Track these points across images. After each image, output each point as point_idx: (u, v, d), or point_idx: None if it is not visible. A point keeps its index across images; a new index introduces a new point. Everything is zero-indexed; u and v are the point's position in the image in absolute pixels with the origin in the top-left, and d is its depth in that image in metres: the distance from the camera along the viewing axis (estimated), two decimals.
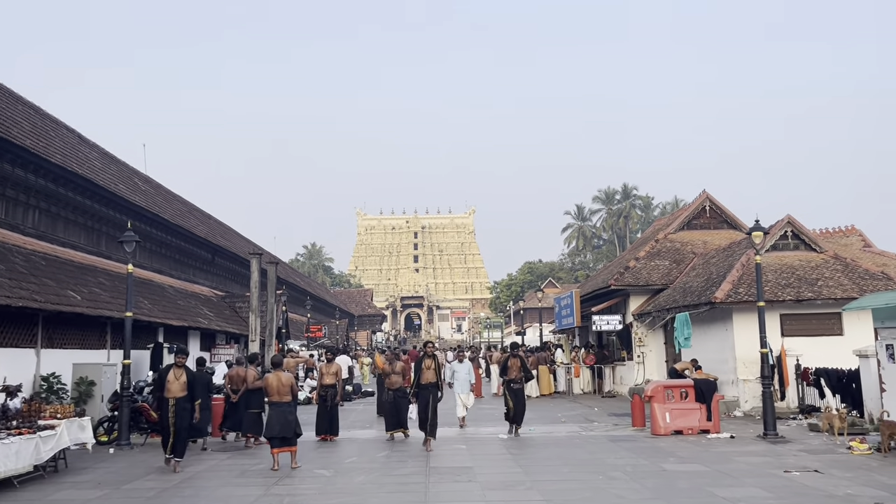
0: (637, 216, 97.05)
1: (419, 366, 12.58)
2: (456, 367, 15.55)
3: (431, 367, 12.49)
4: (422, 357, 12.74)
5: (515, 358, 14.32)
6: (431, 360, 12.54)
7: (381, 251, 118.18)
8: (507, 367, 14.38)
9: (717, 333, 18.03)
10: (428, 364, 12.50)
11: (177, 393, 10.60)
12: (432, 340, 13.97)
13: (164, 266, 25.24)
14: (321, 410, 13.44)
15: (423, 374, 12.43)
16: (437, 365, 12.58)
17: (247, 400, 13.22)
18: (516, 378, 14.15)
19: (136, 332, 18.42)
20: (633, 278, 22.74)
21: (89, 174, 19.37)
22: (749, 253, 18.46)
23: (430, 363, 12.51)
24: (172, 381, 10.66)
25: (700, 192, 25.55)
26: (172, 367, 10.88)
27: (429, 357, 12.58)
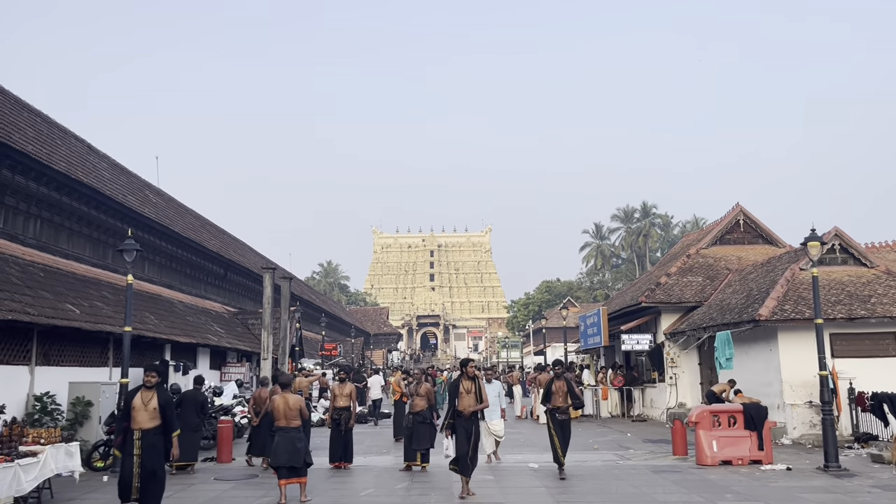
0: (657, 235, 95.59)
1: (455, 389, 9.98)
2: None
3: (472, 392, 9.88)
4: (458, 378, 10.17)
5: (562, 381, 11.49)
6: (471, 382, 9.96)
7: (397, 269, 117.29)
8: (550, 393, 11.48)
9: (759, 354, 16.76)
10: (467, 387, 9.92)
11: (144, 423, 7.93)
12: (472, 358, 11.41)
13: (174, 281, 24.35)
14: (334, 435, 12.33)
15: (462, 400, 9.85)
16: (478, 388, 9.97)
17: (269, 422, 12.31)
18: (563, 407, 11.43)
19: (140, 348, 17.53)
20: (664, 295, 21.52)
21: (95, 183, 18.54)
22: (794, 267, 17.23)
23: (471, 386, 9.92)
24: (139, 407, 7.99)
25: (733, 206, 24.36)
26: (140, 390, 8.18)
27: (468, 379, 10.01)
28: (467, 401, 9.85)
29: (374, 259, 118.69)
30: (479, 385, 10.00)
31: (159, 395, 8.15)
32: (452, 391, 9.99)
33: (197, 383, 12.23)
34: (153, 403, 8.03)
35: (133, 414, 7.99)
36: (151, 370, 8.25)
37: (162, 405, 8.07)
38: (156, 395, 8.11)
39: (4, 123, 15.52)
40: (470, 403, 9.85)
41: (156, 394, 8.13)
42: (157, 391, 8.16)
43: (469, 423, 9.79)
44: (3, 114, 16.24)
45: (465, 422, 9.79)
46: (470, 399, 9.87)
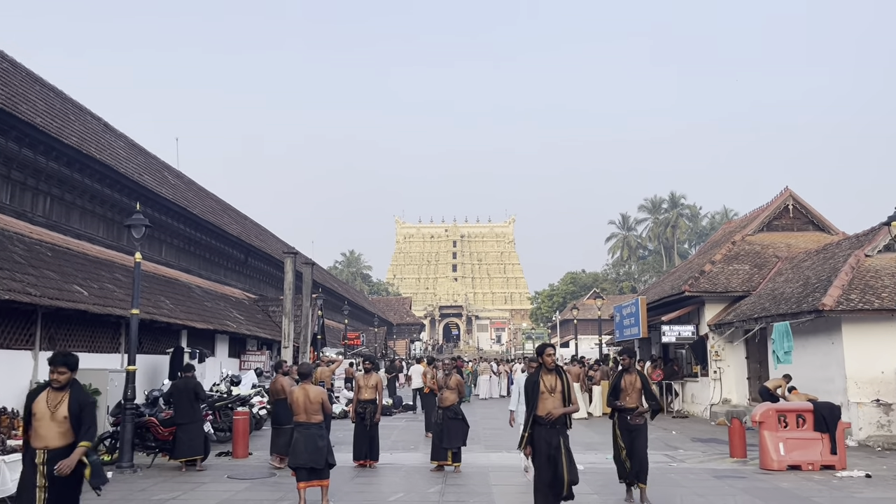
0: (685, 226, 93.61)
1: (534, 388, 7.23)
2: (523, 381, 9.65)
3: (557, 390, 7.22)
4: (537, 373, 7.42)
5: (634, 374, 8.84)
6: (556, 377, 7.29)
7: (420, 260, 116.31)
8: (619, 389, 8.84)
9: (818, 347, 15.41)
10: (550, 384, 7.23)
11: (51, 439, 5.48)
12: (551, 344, 8.69)
13: (193, 265, 23.47)
14: (359, 431, 11.26)
15: (543, 402, 7.15)
16: (565, 385, 7.27)
17: (276, 413, 11.31)
18: (637, 408, 8.72)
19: (154, 334, 16.61)
20: (709, 284, 20.16)
21: (110, 160, 17.62)
22: (858, 254, 15.82)
23: (555, 383, 7.25)
24: (43, 416, 5.49)
25: (782, 189, 22.89)
26: (46, 390, 5.62)
27: (549, 372, 7.32)
28: (550, 403, 7.13)
29: (397, 249, 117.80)
30: (567, 381, 7.29)
31: (72, 399, 5.55)
32: (530, 390, 7.28)
33: (186, 371, 11.21)
34: (62, 410, 5.48)
35: (35, 425, 5.52)
36: (60, 363, 5.58)
37: (75, 412, 5.50)
38: (66, 399, 5.53)
39: (12, 94, 14.61)
40: (554, 406, 7.13)
41: (67, 396, 5.54)
42: (70, 392, 5.57)
43: (553, 434, 7.05)
44: (13, 85, 15.34)
45: (548, 433, 7.04)
46: (554, 400, 7.15)
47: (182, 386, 11.20)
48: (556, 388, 7.27)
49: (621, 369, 9.07)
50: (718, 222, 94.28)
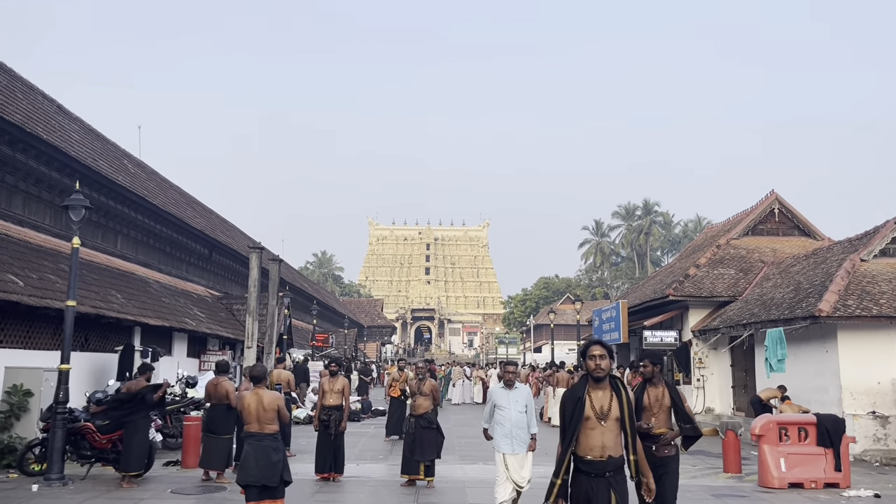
0: (658, 233, 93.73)
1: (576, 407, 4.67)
2: (499, 396, 7.59)
3: (612, 415, 4.66)
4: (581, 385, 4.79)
5: (661, 387, 6.65)
6: (609, 393, 4.74)
7: (393, 262, 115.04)
8: (640, 408, 6.50)
9: (811, 355, 14.66)
10: (601, 403, 4.69)
11: None
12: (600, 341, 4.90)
13: (152, 259, 22.12)
14: (322, 440, 10.15)
15: (589, 434, 4.63)
16: (626, 408, 4.67)
17: (211, 420, 10.04)
18: (665, 434, 6.46)
19: (103, 330, 15.31)
20: (693, 288, 19.39)
21: (59, 142, 16.28)
22: (853, 258, 15.12)
23: (609, 402, 4.70)
24: None
25: (767, 193, 22.25)
26: None
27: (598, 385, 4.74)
28: (601, 436, 4.58)
29: (370, 251, 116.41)
30: (627, 400, 4.65)
31: None
32: (569, 413, 4.67)
33: (141, 372, 10.00)
34: None
35: None
36: None
37: None
38: None
39: None
40: (607, 441, 4.59)
41: None
42: None
43: (603, 488, 4.59)
44: None
45: (596, 485, 4.59)
46: (607, 432, 4.59)
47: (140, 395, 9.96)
48: (611, 411, 4.56)
49: (643, 380, 6.86)
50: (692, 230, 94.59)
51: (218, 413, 9.97)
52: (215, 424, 9.93)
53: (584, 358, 4.77)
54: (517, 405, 7.53)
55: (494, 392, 7.80)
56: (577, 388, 4.79)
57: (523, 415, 7.53)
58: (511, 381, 7.65)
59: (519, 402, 7.54)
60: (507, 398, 7.55)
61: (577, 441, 4.63)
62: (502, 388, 7.70)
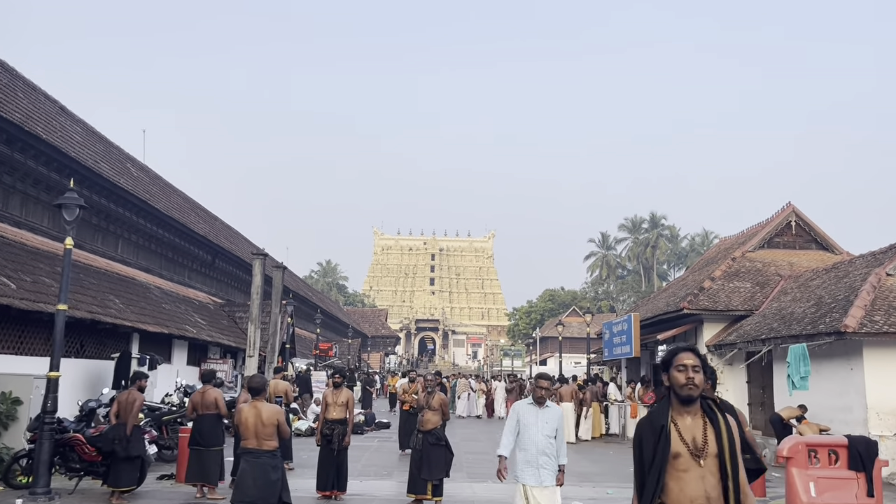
0: (665, 247, 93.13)
1: (660, 440, 3.28)
2: (526, 413, 6.50)
3: (711, 451, 3.28)
4: (663, 409, 3.43)
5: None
6: (702, 421, 3.35)
7: (397, 272, 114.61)
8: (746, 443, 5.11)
9: (835, 373, 14.06)
10: (693, 435, 3.31)
11: None
12: (691, 347, 3.50)
13: (153, 265, 21.67)
14: (325, 455, 9.60)
15: (681, 478, 3.29)
16: (727, 443, 3.30)
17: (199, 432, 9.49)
18: None
19: (100, 337, 14.83)
20: (709, 301, 18.80)
21: (59, 143, 15.88)
22: (879, 272, 14.56)
23: (704, 433, 3.31)
24: None
25: (784, 205, 21.69)
26: None
27: (687, 408, 3.37)
28: (697, 481, 3.27)
29: (374, 260, 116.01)
30: (729, 431, 3.32)
31: None
32: (650, 449, 3.34)
33: (136, 379, 9.48)
34: None
35: None
36: None
37: None
38: None
39: None
40: (709, 488, 3.27)
41: None
42: None
43: None
44: None
45: None
46: (705, 474, 3.28)
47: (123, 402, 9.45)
48: (708, 445, 3.28)
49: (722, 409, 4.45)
50: (699, 244, 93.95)
51: (206, 423, 9.44)
52: (204, 436, 9.39)
53: (668, 369, 3.44)
54: (546, 427, 6.36)
55: (521, 408, 6.57)
56: (656, 414, 3.42)
57: (552, 440, 6.35)
58: (543, 399, 6.49)
59: (549, 425, 6.38)
60: (535, 417, 6.41)
61: (664, 490, 3.28)
62: (531, 404, 6.53)
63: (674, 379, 3.41)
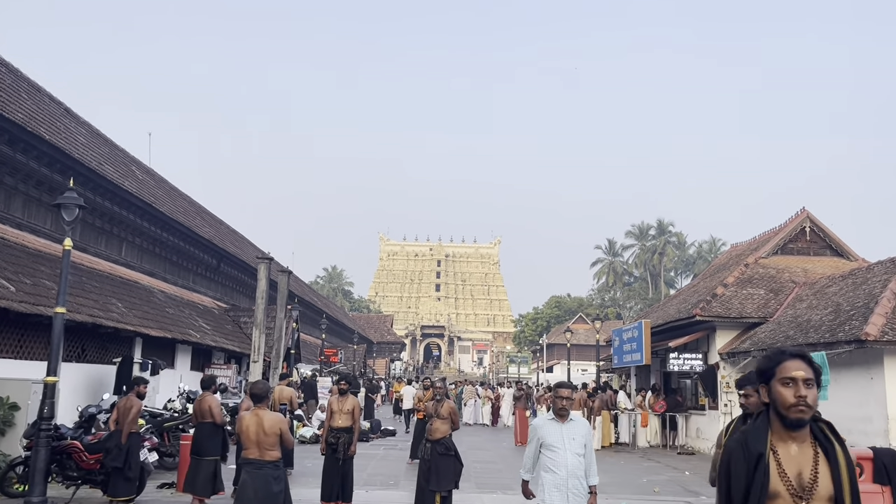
0: (672, 253, 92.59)
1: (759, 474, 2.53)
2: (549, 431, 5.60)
3: (824, 490, 2.52)
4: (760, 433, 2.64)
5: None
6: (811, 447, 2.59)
7: (403, 278, 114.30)
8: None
9: (853, 382, 13.69)
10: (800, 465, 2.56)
11: None
12: (802, 353, 2.66)
13: (157, 268, 21.44)
14: (329, 465, 9.28)
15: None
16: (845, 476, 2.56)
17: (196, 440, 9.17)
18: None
19: (102, 341, 14.57)
20: (722, 308, 18.45)
21: (62, 144, 15.66)
22: None
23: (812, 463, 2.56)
24: None
25: (798, 211, 21.33)
26: None
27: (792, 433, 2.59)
28: None
29: (380, 266, 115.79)
30: (846, 462, 2.58)
31: None
32: (741, 476, 2.60)
33: (136, 384, 9.16)
34: None
35: None
36: None
37: None
38: None
39: None
40: None
41: None
42: None
43: None
44: None
45: None
46: None
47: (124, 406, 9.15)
48: (818, 482, 2.56)
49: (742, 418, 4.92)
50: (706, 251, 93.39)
51: (202, 432, 9.13)
52: (199, 444, 9.08)
53: (768, 381, 2.67)
54: (574, 444, 5.47)
55: (542, 427, 5.62)
56: (752, 438, 2.63)
57: (581, 458, 5.46)
58: (565, 411, 5.59)
59: (576, 441, 5.49)
60: (559, 435, 5.50)
61: None
62: (552, 419, 5.62)
63: (777, 395, 2.59)
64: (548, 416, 5.74)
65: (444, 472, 8.82)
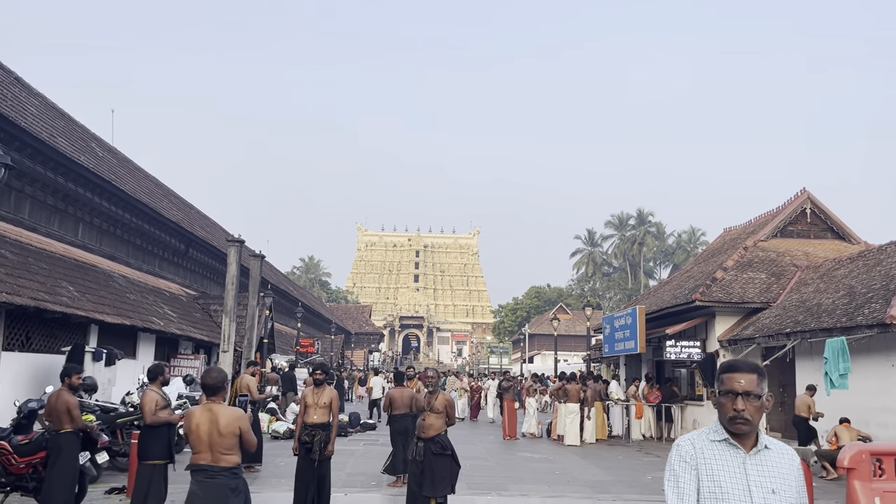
0: (652, 243, 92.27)
1: None
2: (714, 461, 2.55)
3: None
4: None
5: None
6: None
7: (381, 268, 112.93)
8: None
9: (872, 370, 12.71)
10: None
11: None
12: None
13: (119, 251, 19.92)
14: (303, 466, 8.02)
15: None
16: None
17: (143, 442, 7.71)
18: None
19: (49, 327, 13.10)
20: (722, 293, 17.44)
21: (7, 111, 14.14)
22: None
23: None
24: None
25: (799, 191, 20.39)
26: None
27: None
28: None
29: (358, 257, 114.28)
30: None
31: None
32: None
33: (66, 376, 7.72)
34: None
35: None
36: None
37: None
38: None
39: None
40: None
41: None
42: None
43: None
44: None
45: None
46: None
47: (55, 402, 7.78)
48: None
49: None
50: (685, 241, 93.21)
51: (144, 430, 7.76)
52: (142, 446, 7.68)
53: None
54: (765, 494, 2.53)
55: (704, 453, 2.61)
56: None
57: None
58: (748, 425, 2.57)
59: (771, 484, 2.55)
60: (739, 470, 2.56)
61: None
62: (721, 441, 2.64)
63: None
64: (712, 436, 2.71)
65: (440, 475, 7.62)
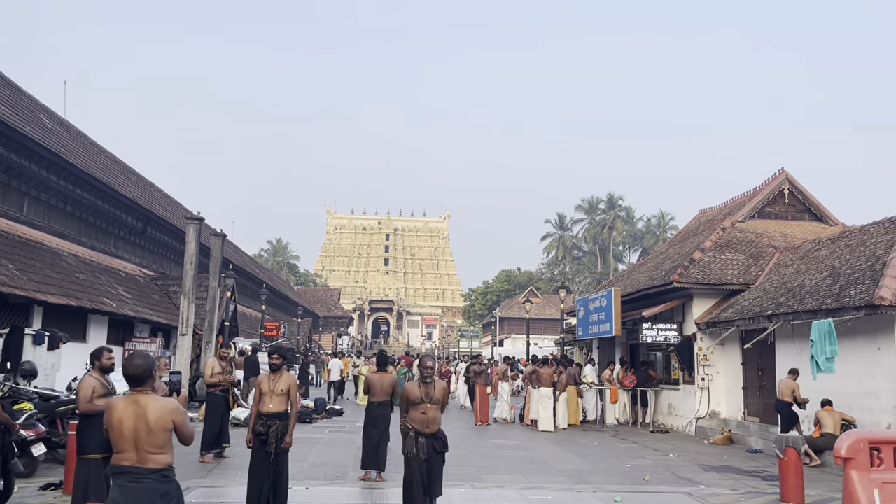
0: (621, 228, 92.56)
1: None
2: None
3: None
4: None
5: None
6: None
7: (351, 252, 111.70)
8: None
9: (857, 354, 12.29)
10: None
11: None
12: None
13: (69, 229, 18.81)
14: (258, 462, 7.23)
15: None
16: None
17: (82, 436, 6.83)
18: None
19: None
20: (700, 275, 16.97)
21: None
22: None
23: None
24: None
25: (777, 171, 20.00)
26: None
27: None
28: None
29: (327, 240, 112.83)
30: None
31: None
32: None
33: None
34: None
35: None
36: None
37: None
38: None
39: None
40: None
41: None
42: None
43: None
44: None
45: None
46: None
47: None
48: None
49: None
50: (655, 225, 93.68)
51: (81, 424, 6.91)
52: (78, 439, 6.83)
53: None
54: None
55: None
56: None
57: None
58: None
59: None
60: None
61: None
62: None
63: None
64: None
65: (438, 475, 6.99)
